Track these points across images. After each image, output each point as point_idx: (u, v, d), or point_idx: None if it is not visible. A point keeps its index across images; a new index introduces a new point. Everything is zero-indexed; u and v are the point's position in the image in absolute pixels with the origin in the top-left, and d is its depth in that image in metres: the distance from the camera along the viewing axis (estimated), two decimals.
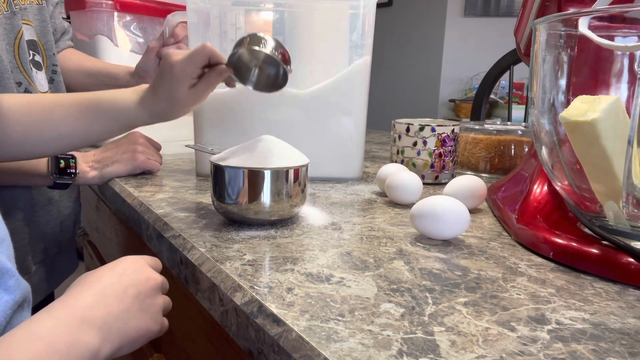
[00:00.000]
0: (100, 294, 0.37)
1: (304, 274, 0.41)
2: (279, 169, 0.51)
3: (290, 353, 0.31)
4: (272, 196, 0.51)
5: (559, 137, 0.44)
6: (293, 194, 0.53)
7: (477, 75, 2.85)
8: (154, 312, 0.41)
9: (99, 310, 0.36)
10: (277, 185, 0.51)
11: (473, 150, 0.85)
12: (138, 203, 0.62)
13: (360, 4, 0.70)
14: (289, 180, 0.52)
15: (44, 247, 0.75)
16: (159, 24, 1.00)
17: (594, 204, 0.44)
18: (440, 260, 0.44)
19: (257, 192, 0.51)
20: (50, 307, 0.34)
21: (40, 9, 0.74)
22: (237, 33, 0.73)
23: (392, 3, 3.34)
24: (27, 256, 0.71)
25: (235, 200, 0.52)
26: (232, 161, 0.52)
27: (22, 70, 0.68)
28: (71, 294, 0.36)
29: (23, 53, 0.68)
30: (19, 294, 0.35)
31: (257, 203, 0.51)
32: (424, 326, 0.32)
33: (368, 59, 0.73)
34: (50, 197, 0.75)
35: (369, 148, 1.15)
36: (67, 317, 0.33)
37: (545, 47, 0.46)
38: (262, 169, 0.51)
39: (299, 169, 0.53)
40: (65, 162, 0.68)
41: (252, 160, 0.52)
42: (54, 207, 0.76)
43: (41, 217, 0.74)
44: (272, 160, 0.52)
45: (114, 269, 0.40)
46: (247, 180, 0.51)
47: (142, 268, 0.42)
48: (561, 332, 0.32)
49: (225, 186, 0.52)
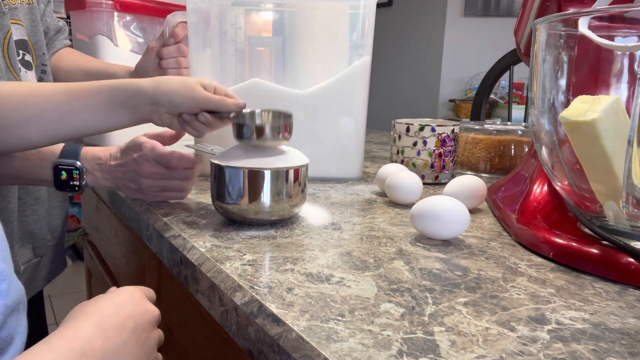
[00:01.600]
0: (99, 325, 0.36)
1: (304, 274, 0.41)
2: (279, 169, 0.51)
3: (290, 353, 0.31)
4: (272, 196, 0.51)
5: (559, 137, 0.44)
6: (293, 194, 0.53)
7: (477, 75, 2.85)
8: (150, 346, 0.40)
9: (98, 342, 0.35)
10: (277, 185, 0.51)
11: (473, 150, 0.85)
12: (138, 203, 0.62)
13: (360, 4, 0.70)
14: (289, 180, 0.52)
15: (32, 247, 0.74)
16: (159, 24, 1.00)
17: (594, 204, 0.44)
18: (440, 260, 0.44)
19: (257, 192, 0.51)
20: (48, 340, 0.33)
21: (30, 8, 0.74)
22: (237, 33, 0.73)
23: (392, 3, 3.34)
24: (14, 256, 0.70)
25: (236, 200, 0.52)
26: (232, 161, 0.52)
27: (12, 70, 0.68)
28: (70, 325, 0.36)
29: (12, 53, 0.68)
30: (12, 299, 0.34)
31: (257, 203, 0.51)
32: (424, 326, 0.32)
33: (368, 59, 0.73)
34: (38, 197, 0.74)
35: (369, 148, 1.15)
36: (67, 351, 0.33)
37: (545, 47, 0.46)
38: (262, 169, 0.51)
39: (299, 169, 0.53)
40: (67, 174, 0.60)
41: (253, 160, 0.52)
42: (42, 207, 0.75)
43: (29, 216, 0.73)
44: (272, 160, 0.52)
45: (112, 300, 0.40)
46: (247, 180, 0.51)
47: (140, 300, 0.41)
48: (561, 332, 0.32)
49: (226, 186, 0.52)
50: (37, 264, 0.76)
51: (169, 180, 0.60)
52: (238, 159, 0.52)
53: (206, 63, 0.74)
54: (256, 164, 0.51)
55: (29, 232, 0.73)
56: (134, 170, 0.59)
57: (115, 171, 0.61)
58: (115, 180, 0.61)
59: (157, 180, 0.60)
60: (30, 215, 0.73)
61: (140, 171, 0.59)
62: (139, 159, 0.59)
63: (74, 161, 0.60)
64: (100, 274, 1.00)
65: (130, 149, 0.60)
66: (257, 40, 0.75)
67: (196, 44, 0.72)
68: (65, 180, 0.60)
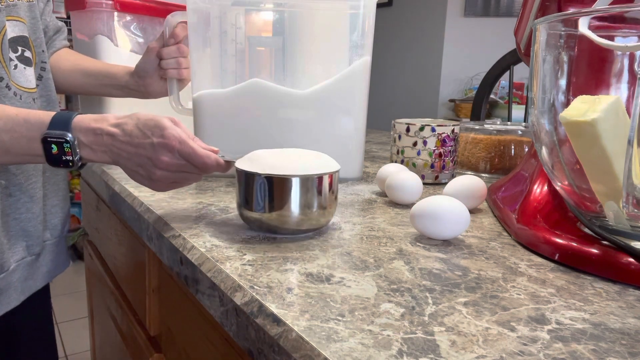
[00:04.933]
0: None
1: (304, 274, 0.41)
2: (309, 175, 0.48)
3: (290, 353, 0.31)
4: (318, 203, 0.49)
5: (559, 137, 0.44)
6: (329, 202, 0.50)
7: (477, 75, 2.85)
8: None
9: None
10: (320, 192, 0.49)
11: (473, 150, 0.85)
12: (138, 203, 0.62)
13: (360, 4, 0.70)
14: (323, 188, 0.49)
15: (26, 245, 0.74)
16: (159, 24, 1.00)
17: (594, 204, 0.44)
18: (440, 260, 0.44)
19: (289, 201, 0.48)
20: None
21: (30, 6, 0.74)
22: (237, 33, 0.73)
23: (392, 3, 3.34)
24: (3, 254, 0.70)
25: (274, 210, 0.48)
26: (274, 170, 0.48)
27: (4, 67, 0.67)
28: None
29: (5, 49, 0.67)
30: None
31: (300, 211, 0.48)
32: (424, 326, 0.32)
33: (368, 59, 0.73)
34: (33, 195, 0.73)
35: (369, 148, 1.15)
36: None
37: (545, 47, 0.46)
38: (311, 175, 0.48)
39: (333, 175, 0.50)
40: (58, 147, 0.53)
41: (287, 167, 0.48)
42: (37, 205, 0.75)
43: (23, 214, 0.73)
44: (308, 167, 0.49)
45: None
46: (296, 189, 0.48)
47: None
48: (561, 332, 0.32)
49: (264, 195, 0.48)
50: (32, 262, 0.76)
51: (185, 173, 0.53)
52: (274, 167, 0.49)
53: (206, 63, 0.74)
54: (296, 171, 0.48)
55: (22, 229, 0.73)
56: (148, 157, 0.51)
57: (120, 149, 0.52)
58: (116, 158, 0.53)
59: (172, 173, 0.53)
60: (24, 213, 0.73)
61: (156, 161, 0.51)
62: (158, 147, 0.51)
63: (64, 132, 0.52)
64: (100, 274, 1.00)
65: (148, 127, 0.51)
66: (257, 40, 0.75)
67: (196, 44, 0.72)
68: (57, 155, 0.53)
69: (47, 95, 0.78)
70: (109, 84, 0.85)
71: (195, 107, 0.73)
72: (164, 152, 0.51)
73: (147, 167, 0.52)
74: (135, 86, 0.83)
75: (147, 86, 0.82)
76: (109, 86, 0.85)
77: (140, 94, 0.84)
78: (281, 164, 0.49)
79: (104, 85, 0.85)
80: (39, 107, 0.75)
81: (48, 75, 0.78)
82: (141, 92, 0.84)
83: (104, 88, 0.86)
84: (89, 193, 1.04)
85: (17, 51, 0.70)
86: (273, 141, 0.70)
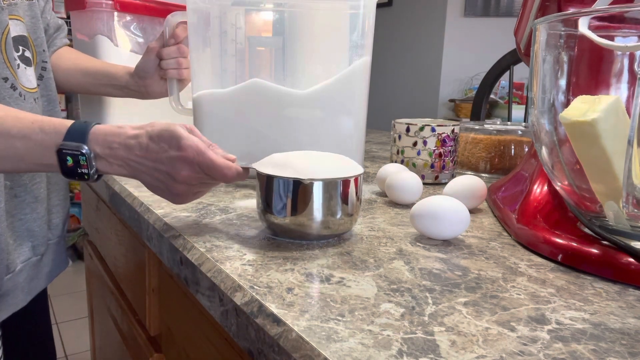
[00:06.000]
0: None
1: (304, 274, 0.41)
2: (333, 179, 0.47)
3: (290, 353, 0.31)
4: (342, 207, 0.48)
5: (559, 137, 0.44)
6: (356, 205, 0.49)
7: (477, 75, 2.85)
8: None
9: None
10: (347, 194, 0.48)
11: (473, 150, 0.85)
12: (138, 203, 0.62)
13: (360, 4, 0.70)
14: (349, 191, 0.48)
15: (32, 245, 0.74)
16: (159, 24, 1.00)
17: (594, 204, 0.44)
18: (440, 260, 0.44)
19: (328, 205, 0.47)
20: None
21: (31, 5, 0.74)
22: (237, 33, 0.73)
23: (392, 3, 3.34)
24: (10, 255, 0.70)
25: (298, 215, 0.47)
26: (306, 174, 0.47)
27: (9, 67, 0.67)
28: None
29: (9, 49, 0.67)
30: None
31: (324, 216, 0.47)
32: (424, 326, 0.32)
33: (368, 59, 0.73)
34: (37, 195, 0.74)
35: (369, 148, 1.15)
36: None
37: (545, 47, 0.46)
38: (335, 179, 0.47)
39: (358, 178, 0.49)
40: (73, 160, 0.50)
41: (312, 171, 0.47)
42: (41, 205, 0.74)
43: (28, 214, 0.73)
44: (330, 171, 0.48)
45: None
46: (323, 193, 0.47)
47: None
48: (561, 332, 0.32)
49: (293, 200, 0.47)
50: (37, 263, 0.76)
51: (205, 185, 0.52)
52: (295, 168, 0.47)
53: (206, 63, 0.74)
54: (322, 175, 0.47)
55: (28, 230, 0.73)
56: (167, 172, 0.49)
57: (138, 163, 0.50)
58: (135, 172, 0.51)
59: (192, 186, 0.51)
60: (29, 214, 0.73)
61: (176, 175, 0.49)
62: (176, 161, 0.48)
63: (79, 145, 0.50)
64: (100, 274, 1.00)
65: (164, 139, 0.49)
66: (257, 40, 0.75)
67: (196, 44, 0.72)
68: (72, 167, 0.51)
69: (47, 95, 0.78)
70: (109, 84, 0.85)
71: (195, 107, 0.73)
72: (182, 165, 0.48)
73: (167, 182, 0.50)
74: (135, 86, 0.83)
75: (147, 86, 0.82)
76: (108, 86, 0.85)
77: (140, 94, 0.84)
78: (307, 167, 0.47)
79: (103, 85, 0.85)
80: (41, 108, 0.75)
81: (49, 74, 0.78)
82: (141, 93, 0.84)
83: (104, 88, 0.86)
84: (89, 193, 1.05)
85: (19, 51, 0.70)
86: (273, 141, 0.70)
